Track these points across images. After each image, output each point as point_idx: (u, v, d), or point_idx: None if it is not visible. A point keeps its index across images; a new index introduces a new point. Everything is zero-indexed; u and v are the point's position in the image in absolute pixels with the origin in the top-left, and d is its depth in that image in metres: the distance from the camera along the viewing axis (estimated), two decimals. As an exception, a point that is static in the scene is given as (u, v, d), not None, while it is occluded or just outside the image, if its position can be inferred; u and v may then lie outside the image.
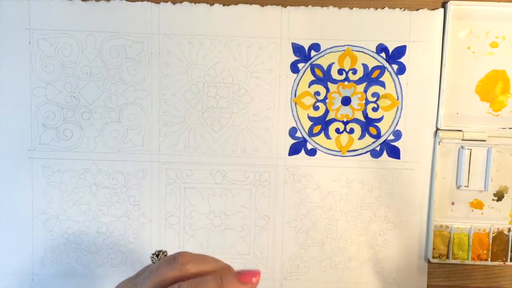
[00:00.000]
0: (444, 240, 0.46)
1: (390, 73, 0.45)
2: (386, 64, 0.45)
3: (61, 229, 0.47)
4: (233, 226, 0.47)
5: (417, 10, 0.44)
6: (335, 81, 0.45)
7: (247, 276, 0.32)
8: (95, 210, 0.46)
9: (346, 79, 0.45)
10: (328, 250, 0.47)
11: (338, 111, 0.46)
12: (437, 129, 0.45)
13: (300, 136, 0.46)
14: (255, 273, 0.32)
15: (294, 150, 0.46)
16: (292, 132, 0.46)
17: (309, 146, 0.46)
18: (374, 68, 0.45)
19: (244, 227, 0.47)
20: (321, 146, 0.46)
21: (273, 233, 0.47)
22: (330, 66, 0.45)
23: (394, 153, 0.46)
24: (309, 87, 0.45)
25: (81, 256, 0.47)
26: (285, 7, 0.44)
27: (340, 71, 0.45)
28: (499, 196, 0.46)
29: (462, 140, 0.45)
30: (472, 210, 0.46)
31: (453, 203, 0.46)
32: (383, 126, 0.46)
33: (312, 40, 0.45)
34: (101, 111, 0.45)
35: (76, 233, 0.47)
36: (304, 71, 0.45)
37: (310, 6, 0.44)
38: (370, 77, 0.45)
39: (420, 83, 0.45)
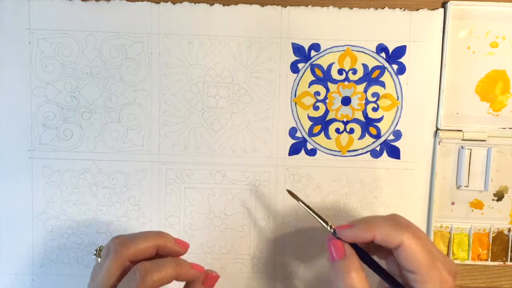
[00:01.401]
0: (444, 240, 0.46)
1: (390, 73, 0.45)
2: (386, 64, 0.45)
3: (61, 229, 0.47)
4: (233, 226, 0.47)
5: (417, 10, 0.44)
6: (335, 81, 0.45)
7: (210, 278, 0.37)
8: (95, 210, 0.46)
9: (346, 79, 0.45)
10: (328, 250, 0.47)
11: (338, 111, 0.46)
12: (437, 129, 0.45)
13: (300, 136, 0.46)
14: (216, 277, 0.37)
15: (294, 150, 0.46)
16: (292, 132, 0.46)
17: (309, 146, 0.46)
18: (374, 68, 0.45)
19: (244, 227, 0.47)
20: (321, 146, 0.46)
21: (273, 233, 0.47)
22: (330, 66, 0.45)
23: (394, 153, 0.46)
24: (309, 87, 0.45)
25: (81, 256, 0.47)
26: (285, 7, 0.44)
27: (340, 71, 0.45)
28: (499, 196, 0.46)
29: (462, 140, 0.45)
30: (472, 210, 0.46)
31: (453, 203, 0.46)
32: (383, 126, 0.46)
33: (312, 40, 0.45)
34: (101, 111, 0.45)
35: (76, 233, 0.47)
36: (304, 71, 0.45)
37: (310, 6, 0.44)
38: (370, 77, 0.45)
39: (420, 83, 0.45)
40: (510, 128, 0.45)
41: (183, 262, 0.35)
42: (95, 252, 0.38)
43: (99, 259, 0.37)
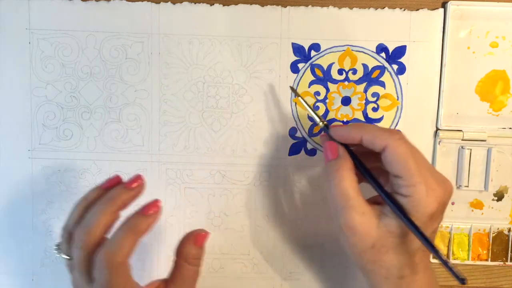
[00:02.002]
0: (444, 240, 0.46)
1: (390, 73, 0.45)
2: (386, 64, 0.45)
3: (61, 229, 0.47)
4: (233, 226, 0.47)
5: (417, 10, 0.44)
6: (335, 81, 0.45)
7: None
8: (95, 210, 0.46)
9: (346, 79, 0.45)
10: (328, 250, 0.47)
11: (338, 111, 0.46)
12: (437, 129, 0.45)
13: (300, 136, 0.46)
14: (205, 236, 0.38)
15: (294, 150, 0.46)
16: (292, 132, 0.46)
17: (309, 146, 0.46)
18: (374, 68, 0.45)
19: (244, 227, 0.47)
20: (321, 146, 0.46)
21: (273, 233, 0.47)
22: (330, 66, 0.45)
23: (394, 153, 0.46)
24: (309, 87, 0.45)
25: (81, 256, 0.47)
26: (285, 7, 0.44)
27: (340, 71, 0.45)
28: (499, 196, 0.46)
29: (462, 140, 0.45)
30: (472, 210, 0.46)
31: (453, 203, 0.46)
32: (383, 126, 0.46)
33: (312, 40, 0.45)
34: (101, 111, 0.45)
35: (76, 233, 0.47)
36: (304, 71, 0.45)
37: (310, 6, 0.44)
38: (370, 77, 0.45)
39: (420, 83, 0.45)
40: (510, 128, 0.45)
41: (136, 220, 0.34)
42: (56, 249, 0.38)
43: (65, 256, 0.36)
